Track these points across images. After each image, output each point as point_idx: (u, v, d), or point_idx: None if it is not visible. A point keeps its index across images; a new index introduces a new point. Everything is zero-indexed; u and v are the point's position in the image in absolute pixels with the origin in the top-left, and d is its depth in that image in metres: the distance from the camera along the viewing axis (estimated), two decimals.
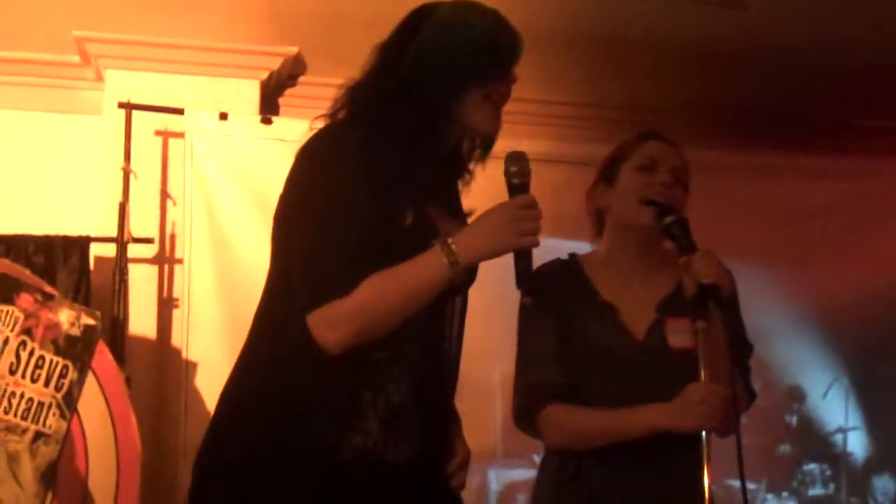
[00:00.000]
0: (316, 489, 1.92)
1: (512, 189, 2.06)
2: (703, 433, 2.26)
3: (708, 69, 4.70)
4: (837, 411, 5.01)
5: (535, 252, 2.07)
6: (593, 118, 4.76)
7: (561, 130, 4.77)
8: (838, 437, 5.01)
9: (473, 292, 2.22)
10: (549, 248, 2.43)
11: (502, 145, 2.31)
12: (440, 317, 2.13)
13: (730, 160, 4.88)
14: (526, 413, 2.52)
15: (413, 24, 2.14)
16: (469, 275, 2.11)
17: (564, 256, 2.65)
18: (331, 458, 1.94)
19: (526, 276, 2.06)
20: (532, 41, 2.19)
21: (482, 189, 2.22)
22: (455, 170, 2.20)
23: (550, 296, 2.54)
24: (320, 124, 2.11)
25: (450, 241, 1.97)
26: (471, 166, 2.21)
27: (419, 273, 1.97)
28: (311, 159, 2.04)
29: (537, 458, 3.62)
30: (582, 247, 2.72)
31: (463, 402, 4.45)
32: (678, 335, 2.45)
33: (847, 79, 4.77)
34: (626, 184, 2.55)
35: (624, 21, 4.28)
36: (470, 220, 2.12)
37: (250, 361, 2.06)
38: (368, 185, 1.96)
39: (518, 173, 2.06)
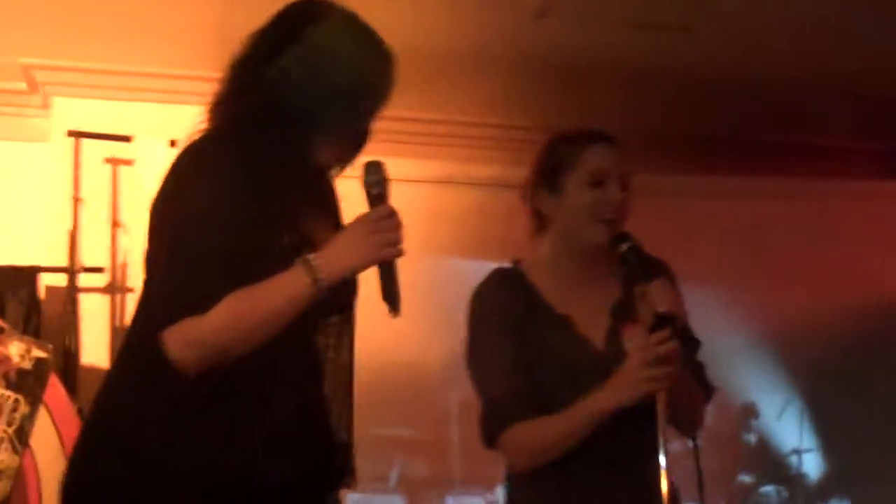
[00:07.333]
0: None
1: (371, 199, 2.00)
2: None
3: (653, 93, 4.74)
4: (792, 432, 5.05)
5: None
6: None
7: (512, 154, 4.79)
8: (793, 459, 5.06)
9: (424, 315, 2.14)
10: None
11: (456, 170, 2.28)
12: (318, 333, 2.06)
13: (678, 183, 4.95)
14: (491, 439, 2.41)
15: (288, 27, 2.06)
16: (349, 288, 2.05)
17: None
18: (210, 478, 1.90)
19: (391, 290, 1.96)
20: (483, 65, 2.16)
21: None
22: (327, 178, 2.15)
23: (501, 309, 2.44)
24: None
25: (311, 257, 1.90)
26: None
27: (280, 292, 1.90)
28: (181, 174, 2.01)
29: (497, 485, 3.62)
30: None
31: (420, 428, 4.47)
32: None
33: (788, 99, 4.84)
34: (575, 199, 2.42)
35: (574, 47, 4.31)
36: None
37: (119, 377, 2.03)
38: (238, 202, 1.91)
39: (375, 183, 2.00)
